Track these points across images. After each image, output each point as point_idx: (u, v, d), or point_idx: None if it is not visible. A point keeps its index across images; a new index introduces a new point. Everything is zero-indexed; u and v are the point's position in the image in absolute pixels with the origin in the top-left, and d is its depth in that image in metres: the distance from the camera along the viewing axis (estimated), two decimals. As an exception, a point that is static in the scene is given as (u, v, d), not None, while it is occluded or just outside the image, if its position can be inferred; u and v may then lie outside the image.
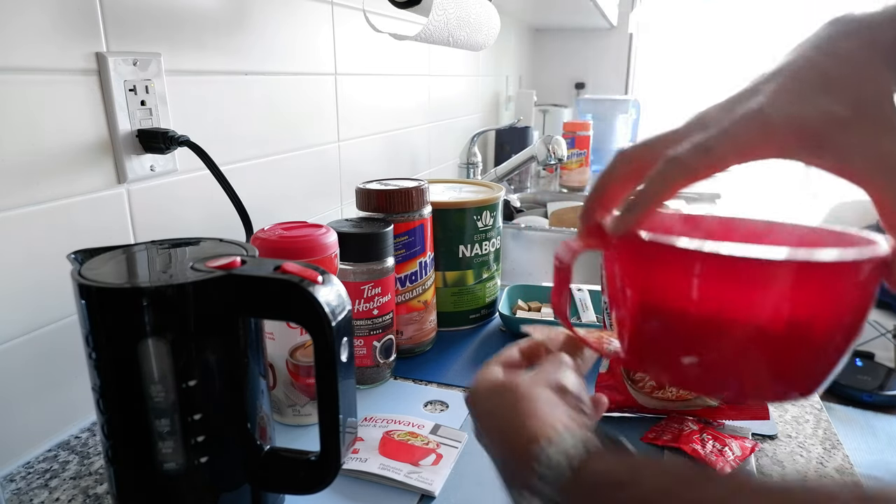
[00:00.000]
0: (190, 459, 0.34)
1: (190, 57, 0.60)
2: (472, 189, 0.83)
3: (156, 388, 0.33)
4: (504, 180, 1.32)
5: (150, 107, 0.55)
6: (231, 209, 0.59)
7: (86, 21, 0.50)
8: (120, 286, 0.32)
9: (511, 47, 1.81)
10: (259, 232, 0.52)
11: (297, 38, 0.76)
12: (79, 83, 0.50)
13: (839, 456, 0.50)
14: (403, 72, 1.07)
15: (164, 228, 0.59)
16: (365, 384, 0.62)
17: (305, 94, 0.79)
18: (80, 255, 0.37)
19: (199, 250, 0.38)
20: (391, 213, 0.64)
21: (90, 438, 0.52)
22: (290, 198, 0.79)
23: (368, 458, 0.48)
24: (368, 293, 0.59)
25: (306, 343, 0.52)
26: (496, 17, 0.97)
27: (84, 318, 0.33)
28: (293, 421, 0.54)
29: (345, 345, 0.35)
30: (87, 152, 0.51)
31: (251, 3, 0.68)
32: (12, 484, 0.46)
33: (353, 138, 0.92)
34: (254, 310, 0.36)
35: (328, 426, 0.36)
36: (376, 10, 0.91)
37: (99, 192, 0.53)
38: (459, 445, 0.50)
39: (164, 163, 0.58)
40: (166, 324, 0.32)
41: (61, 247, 0.49)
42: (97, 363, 0.33)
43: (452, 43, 0.84)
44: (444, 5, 0.76)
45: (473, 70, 1.46)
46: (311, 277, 0.34)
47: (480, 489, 0.46)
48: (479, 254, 0.75)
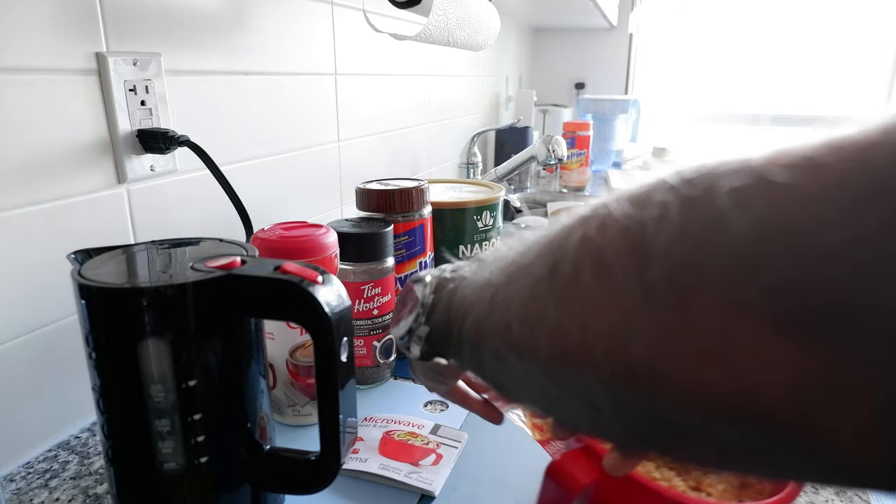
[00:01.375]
0: (190, 459, 0.34)
1: (190, 57, 0.60)
2: (472, 189, 0.83)
3: (156, 388, 0.33)
4: (504, 180, 1.32)
5: (150, 107, 0.55)
6: (231, 209, 0.59)
7: (86, 21, 0.50)
8: (120, 286, 0.32)
9: (511, 47, 1.81)
10: (259, 232, 0.52)
11: (297, 38, 0.76)
12: (79, 83, 0.50)
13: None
14: (403, 72, 1.07)
15: (164, 228, 0.59)
16: (365, 384, 0.62)
17: (305, 94, 0.79)
18: (79, 255, 0.36)
19: (199, 250, 0.38)
20: (391, 213, 0.64)
21: (90, 438, 0.52)
22: (290, 198, 0.79)
23: (368, 458, 0.48)
24: (368, 293, 0.59)
25: (306, 343, 0.52)
26: (496, 17, 0.97)
27: (84, 319, 0.33)
28: (293, 421, 0.54)
29: (345, 345, 0.35)
30: (87, 152, 0.51)
31: (251, 3, 0.68)
32: (12, 484, 0.46)
33: (353, 138, 0.92)
34: (254, 310, 0.36)
35: (328, 426, 0.36)
36: (376, 10, 0.91)
37: (99, 192, 0.53)
38: (459, 445, 0.50)
39: (164, 163, 0.58)
40: (166, 324, 0.32)
41: (61, 247, 0.49)
42: (97, 363, 0.33)
43: (452, 43, 0.84)
44: (444, 5, 0.76)
45: (473, 70, 1.46)
46: (311, 277, 0.34)
47: (480, 489, 0.46)
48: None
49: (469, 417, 0.55)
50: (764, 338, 0.15)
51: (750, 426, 0.16)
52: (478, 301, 0.26)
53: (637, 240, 0.18)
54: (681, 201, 0.17)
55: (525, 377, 0.23)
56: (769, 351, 0.15)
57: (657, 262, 0.17)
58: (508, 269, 0.24)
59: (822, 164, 0.15)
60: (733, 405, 0.16)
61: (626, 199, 0.19)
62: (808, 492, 0.45)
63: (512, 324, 0.22)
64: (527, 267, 0.22)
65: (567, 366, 0.20)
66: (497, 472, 0.45)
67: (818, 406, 0.15)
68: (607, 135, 1.89)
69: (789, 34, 2.16)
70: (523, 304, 0.22)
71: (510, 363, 0.23)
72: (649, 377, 0.18)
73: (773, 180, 0.15)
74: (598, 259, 0.19)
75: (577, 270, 0.20)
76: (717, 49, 2.24)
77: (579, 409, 0.22)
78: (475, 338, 0.26)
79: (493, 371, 0.26)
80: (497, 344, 0.24)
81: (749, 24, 2.19)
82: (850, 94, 2.16)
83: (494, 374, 0.26)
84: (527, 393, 0.25)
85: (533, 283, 0.22)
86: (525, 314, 0.22)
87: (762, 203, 0.15)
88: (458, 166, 1.42)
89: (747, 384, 0.16)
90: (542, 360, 0.21)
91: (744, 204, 0.16)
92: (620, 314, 0.18)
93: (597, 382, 0.19)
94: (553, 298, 0.20)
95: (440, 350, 0.30)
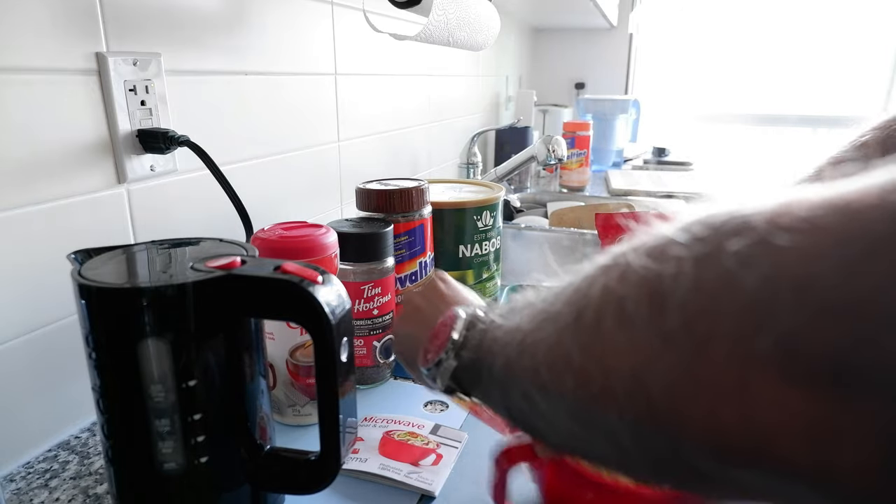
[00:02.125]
0: (190, 459, 0.34)
1: (190, 57, 0.60)
2: (472, 189, 0.83)
3: (156, 388, 0.33)
4: (504, 180, 1.32)
5: (150, 107, 0.55)
6: (231, 209, 0.59)
7: (86, 21, 0.50)
8: (120, 286, 0.32)
9: (511, 47, 1.81)
10: (259, 232, 0.52)
11: (297, 38, 0.76)
12: (79, 83, 0.50)
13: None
14: (403, 72, 1.07)
15: (164, 228, 0.59)
16: (365, 384, 0.62)
17: (305, 94, 0.79)
18: (79, 255, 0.37)
19: (199, 250, 0.38)
20: (391, 213, 0.64)
21: (90, 438, 0.52)
22: (290, 198, 0.79)
23: (368, 458, 0.48)
24: (368, 293, 0.59)
25: (306, 343, 0.52)
26: (496, 17, 0.97)
27: (84, 319, 0.33)
28: (293, 421, 0.54)
29: (345, 345, 0.35)
30: (87, 152, 0.51)
31: (251, 3, 0.68)
32: (12, 484, 0.46)
33: (353, 138, 0.92)
34: (254, 310, 0.36)
35: (328, 426, 0.36)
36: (376, 10, 0.91)
37: (99, 192, 0.53)
38: (459, 445, 0.50)
39: (164, 163, 0.58)
40: (166, 324, 0.32)
41: (61, 247, 0.49)
42: (97, 363, 0.33)
43: (452, 43, 0.84)
44: (444, 5, 0.76)
45: (473, 70, 1.46)
46: (311, 277, 0.34)
47: (480, 489, 0.46)
48: (479, 254, 0.75)
49: (469, 417, 0.55)
50: (775, 385, 0.16)
51: (766, 468, 0.17)
52: (509, 344, 0.27)
53: (655, 290, 0.19)
54: (693, 258, 0.19)
55: (552, 417, 0.25)
56: (781, 397, 0.16)
57: (674, 312, 0.18)
58: (538, 317, 0.25)
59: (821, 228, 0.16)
60: (751, 447, 0.17)
61: (643, 251, 0.20)
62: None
63: (540, 367, 0.24)
64: (555, 315, 0.24)
65: (592, 407, 0.22)
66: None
67: (830, 450, 0.16)
68: (607, 135, 1.89)
69: (789, 34, 2.17)
70: (550, 349, 0.24)
71: (538, 404, 0.25)
72: (670, 418, 0.19)
73: (775, 243, 0.16)
74: (620, 308, 0.20)
75: (599, 318, 0.21)
76: (717, 49, 2.24)
77: (605, 447, 0.23)
78: (505, 379, 0.27)
79: (520, 411, 0.27)
80: (526, 386, 0.25)
81: (749, 24, 2.19)
82: (850, 94, 2.16)
83: (522, 415, 0.27)
84: (553, 432, 0.26)
85: (560, 329, 0.23)
86: (552, 358, 0.24)
87: (767, 263, 0.17)
88: (458, 166, 1.42)
89: (763, 427, 0.17)
90: (569, 402, 0.23)
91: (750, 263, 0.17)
92: (641, 359, 0.19)
93: (620, 423, 0.21)
94: (578, 345, 0.22)
95: (465, 387, 0.33)
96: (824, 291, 0.15)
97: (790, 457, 0.16)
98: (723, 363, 0.17)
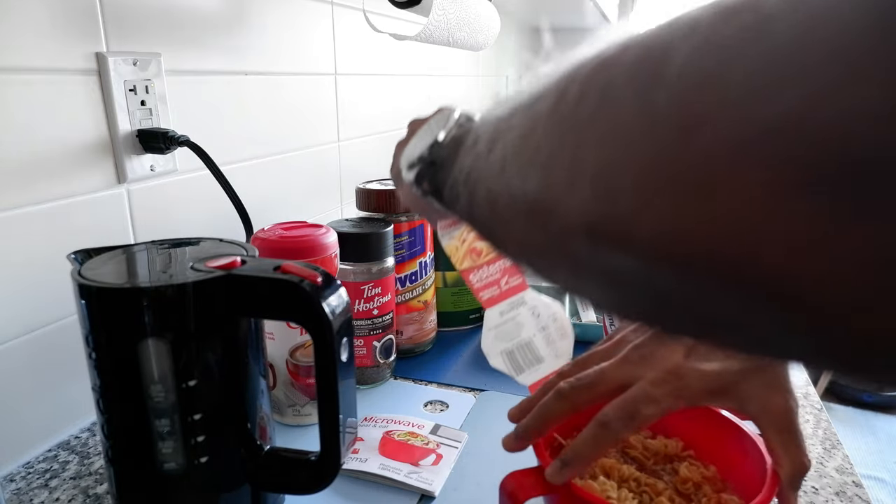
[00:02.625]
0: (190, 459, 0.34)
1: (190, 57, 0.60)
2: (472, 189, 0.82)
3: (156, 388, 0.33)
4: (504, 180, 1.32)
5: (150, 107, 0.55)
6: (231, 209, 0.59)
7: (86, 21, 0.50)
8: (120, 286, 0.32)
9: (511, 47, 1.81)
10: (259, 232, 0.52)
11: (297, 38, 0.76)
12: (79, 83, 0.50)
13: (839, 456, 0.50)
14: (403, 72, 1.07)
15: (164, 228, 0.59)
16: (365, 384, 0.62)
17: (305, 94, 0.79)
18: (79, 255, 0.37)
19: (199, 250, 0.38)
20: (391, 213, 0.64)
21: (90, 438, 0.52)
22: (290, 198, 0.79)
23: (368, 458, 0.48)
24: (368, 293, 0.59)
25: (306, 343, 0.52)
26: (496, 17, 0.97)
27: (84, 318, 0.33)
28: (293, 421, 0.54)
29: (345, 345, 0.35)
30: (87, 152, 0.51)
31: (251, 3, 0.68)
32: (12, 484, 0.46)
33: (353, 138, 0.92)
34: (254, 310, 0.36)
35: (328, 426, 0.36)
36: (376, 10, 0.91)
37: (99, 192, 0.53)
38: (459, 445, 0.50)
39: (164, 163, 0.58)
40: (166, 324, 0.32)
41: (61, 247, 0.49)
42: (97, 363, 0.33)
43: (452, 43, 0.84)
44: (444, 5, 0.76)
45: (473, 70, 1.46)
46: (311, 277, 0.34)
47: (480, 489, 0.46)
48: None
49: (469, 417, 0.55)
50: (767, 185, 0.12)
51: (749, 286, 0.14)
52: (480, 137, 0.23)
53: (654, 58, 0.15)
54: (716, 12, 0.14)
55: (513, 227, 0.21)
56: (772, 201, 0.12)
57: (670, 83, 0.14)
58: (519, 103, 0.20)
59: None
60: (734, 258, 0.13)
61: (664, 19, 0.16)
62: (806, 491, 0.45)
63: (506, 162, 0.20)
64: (535, 97, 0.19)
65: (552, 215, 0.18)
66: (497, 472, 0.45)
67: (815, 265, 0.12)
68: (607, 135, 1.89)
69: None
70: (520, 139, 0.19)
71: (501, 210, 0.21)
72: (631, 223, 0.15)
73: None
74: (608, 83, 0.16)
75: (581, 98, 0.17)
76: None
77: (562, 262, 0.19)
78: (470, 177, 0.23)
79: (483, 219, 0.23)
80: (490, 185, 0.21)
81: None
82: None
83: (484, 223, 0.23)
84: (517, 247, 0.22)
85: (534, 115, 0.19)
86: (519, 150, 0.19)
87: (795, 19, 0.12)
88: (458, 166, 1.42)
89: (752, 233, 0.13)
90: (528, 205, 0.19)
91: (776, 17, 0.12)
92: (616, 148, 0.15)
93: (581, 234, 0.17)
94: (550, 131, 0.18)
95: (436, 179, 0.28)
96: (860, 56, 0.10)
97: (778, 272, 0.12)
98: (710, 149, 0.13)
